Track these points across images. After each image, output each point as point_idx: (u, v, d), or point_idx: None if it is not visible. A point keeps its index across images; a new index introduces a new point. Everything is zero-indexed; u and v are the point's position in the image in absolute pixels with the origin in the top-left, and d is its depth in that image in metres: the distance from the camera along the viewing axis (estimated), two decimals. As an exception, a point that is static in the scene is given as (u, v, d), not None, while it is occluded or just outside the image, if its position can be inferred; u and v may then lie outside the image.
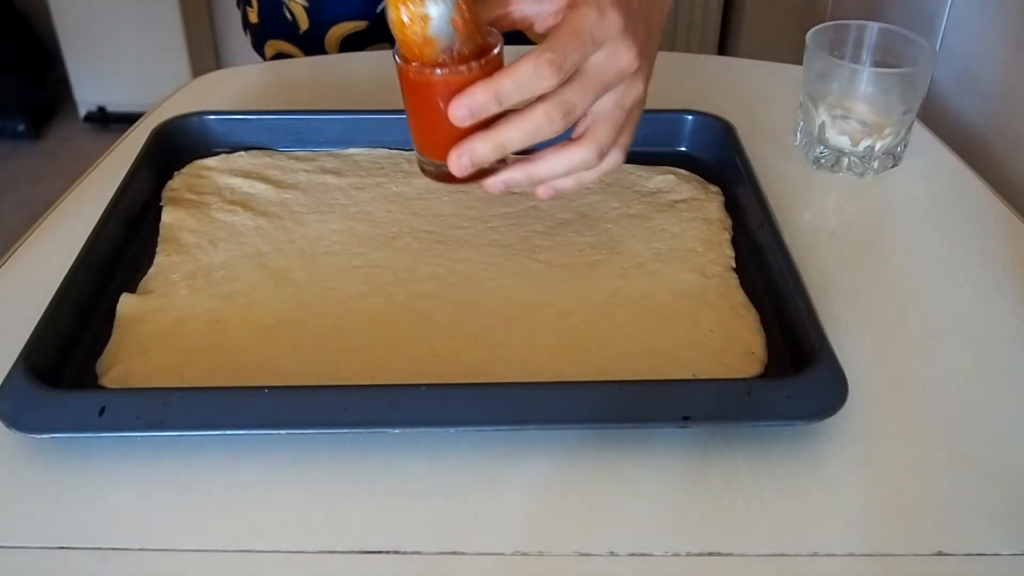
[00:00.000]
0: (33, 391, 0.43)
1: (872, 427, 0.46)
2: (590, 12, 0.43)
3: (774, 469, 0.43)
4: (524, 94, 0.44)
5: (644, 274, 0.54)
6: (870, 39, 0.68)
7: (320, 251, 0.56)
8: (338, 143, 0.67)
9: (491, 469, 0.43)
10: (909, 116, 0.66)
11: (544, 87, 0.43)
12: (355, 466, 0.43)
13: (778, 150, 0.70)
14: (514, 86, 0.43)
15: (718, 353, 0.49)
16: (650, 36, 0.47)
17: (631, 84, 0.46)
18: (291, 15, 0.89)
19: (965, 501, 0.42)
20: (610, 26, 0.43)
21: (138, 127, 0.73)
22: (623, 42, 0.44)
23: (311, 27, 0.89)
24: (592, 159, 0.47)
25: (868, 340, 0.51)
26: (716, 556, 0.39)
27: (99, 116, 2.32)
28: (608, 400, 0.43)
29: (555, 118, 0.44)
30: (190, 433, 0.43)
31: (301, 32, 0.89)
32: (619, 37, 0.44)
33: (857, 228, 0.62)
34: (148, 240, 0.58)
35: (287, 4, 0.88)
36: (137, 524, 0.41)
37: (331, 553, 0.40)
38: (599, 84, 0.44)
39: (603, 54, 0.44)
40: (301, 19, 0.89)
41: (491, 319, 0.51)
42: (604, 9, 0.43)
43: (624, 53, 0.44)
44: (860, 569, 0.39)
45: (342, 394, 0.44)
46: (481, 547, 0.40)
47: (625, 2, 0.44)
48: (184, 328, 0.50)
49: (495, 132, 0.45)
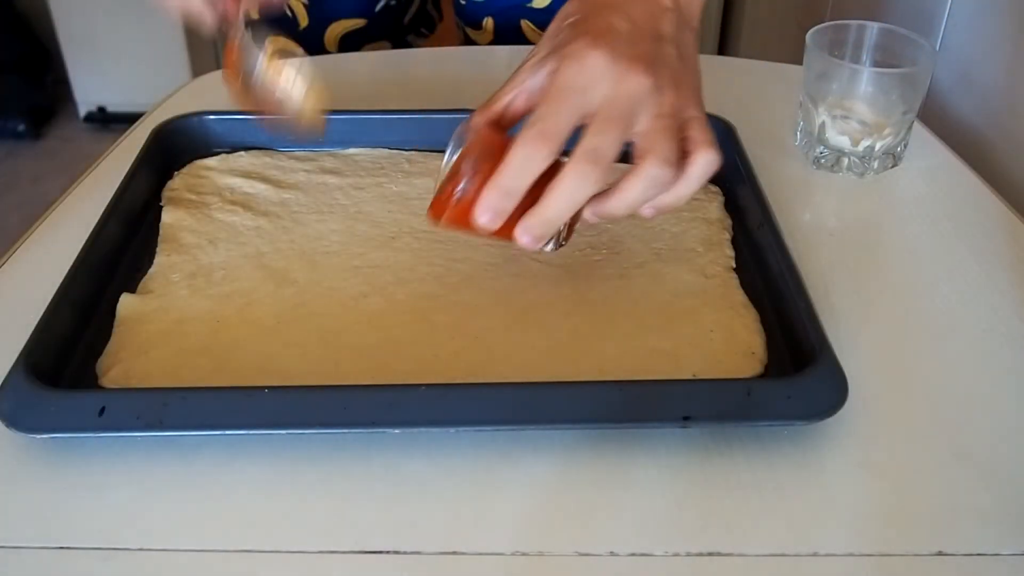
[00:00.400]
0: (33, 391, 0.43)
1: (872, 427, 0.46)
2: (570, 66, 0.43)
3: (774, 469, 0.43)
4: (531, 174, 0.43)
5: (644, 274, 0.54)
6: (870, 39, 0.68)
7: (320, 251, 0.56)
8: (338, 143, 0.67)
9: (491, 469, 0.43)
10: (909, 116, 0.66)
11: (544, 159, 0.43)
12: (355, 466, 0.43)
13: (778, 150, 0.70)
14: (516, 174, 0.43)
15: (718, 353, 0.49)
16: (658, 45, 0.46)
17: (655, 98, 0.44)
18: (291, 12, 0.89)
19: (965, 501, 0.42)
20: (594, 67, 0.43)
21: (138, 127, 0.73)
22: (618, 71, 0.43)
23: (310, 24, 0.89)
24: (661, 173, 0.44)
25: (868, 340, 0.51)
26: (716, 556, 0.39)
27: (99, 116, 2.32)
28: (608, 400, 0.43)
29: (588, 171, 0.42)
30: (190, 433, 0.43)
31: (301, 29, 0.90)
32: (610, 70, 0.43)
33: (857, 228, 0.62)
34: (148, 240, 0.58)
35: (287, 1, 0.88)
36: (137, 524, 0.41)
37: (331, 553, 0.40)
38: (617, 119, 0.43)
39: (604, 90, 0.43)
40: (301, 16, 0.89)
41: (491, 319, 0.51)
42: (582, 55, 0.43)
43: (626, 81, 0.43)
44: (860, 569, 0.39)
45: (342, 394, 0.44)
46: (481, 547, 0.40)
47: (605, 33, 0.44)
48: (184, 328, 0.50)
49: (542, 209, 0.44)
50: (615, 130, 0.43)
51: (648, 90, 0.43)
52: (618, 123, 0.43)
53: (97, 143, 2.23)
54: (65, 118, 2.39)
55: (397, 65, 0.86)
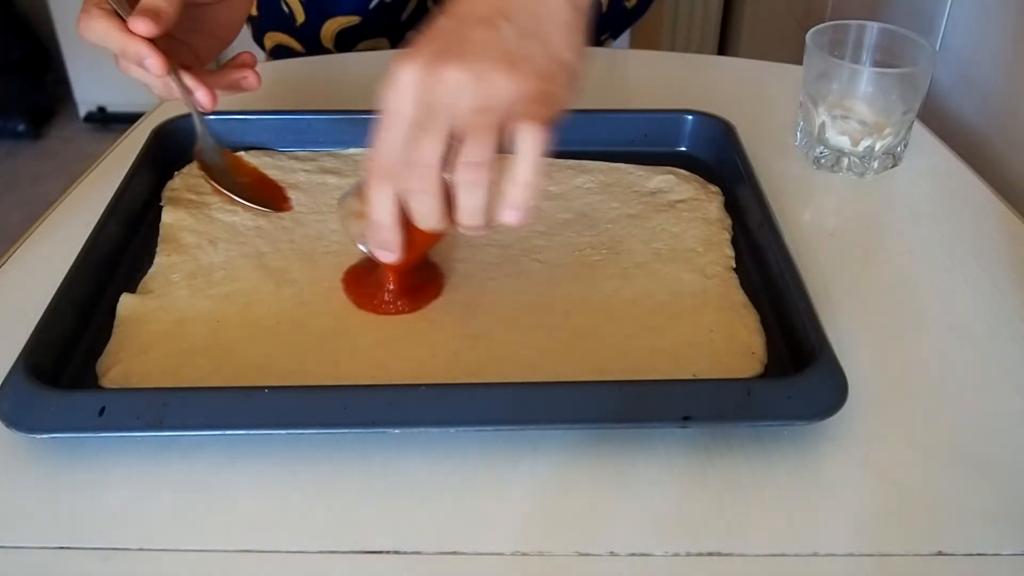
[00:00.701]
0: (33, 391, 0.43)
1: (872, 427, 0.46)
2: (385, 95, 0.42)
3: (774, 469, 0.43)
4: (387, 204, 0.44)
5: (644, 274, 0.54)
6: (870, 39, 0.68)
7: (320, 251, 0.56)
8: (338, 143, 0.67)
9: (491, 469, 0.43)
10: (909, 116, 0.66)
11: (391, 183, 0.43)
12: (355, 466, 0.43)
13: (778, 150, 0.70)
14: (376, 210, 0.45)
15: (718, 353, 0.49)
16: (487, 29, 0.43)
17: (477, 86, 0.41)
18: (288, 8, 0.89)
19: (965, 501, 0.42)
20: (403, 84, 0.42)
21: (138, 127, 0.73)
22: (426, 78, 0.41)
23: (307, 20, 0.90)
24: (471, 177, 0.42)
25: (868, 340, 0.51)
26: (716, 556, 0.39)
27: (99, 116, 2.32)
28: (608, 400, 0.43)
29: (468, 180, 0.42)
30: (190, 433, 0.43)
31: (298, 25, 0.90)
32: (418, 77, 0.41)
33: (857, 228, 0.62)
34: (148, 240, 0.58)
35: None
36: (137, 524, 0.41)
37: (331, 553, 0.40)
38: (431, 129, 0.42)
39: (412, 102, 0.42)
40: (297, 12, 0.89)
41: (491, 319, 0.51)
42: (393, 79, 0.42)
43: (435, 85, 0.41)
44: (860, 569, 0.39)
45: (342, 394, 0.44)
46: (481, 547, 0.40)
47: (422, 46, 0.42)
48: (184, 328, 0.50)
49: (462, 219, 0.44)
50: (429, 137, 0.42)
51: (468, 83, 0.41)
52: (433, 130, 0.42)
53: (97, 143, 2.23)
54: (65, 118, 2.39)
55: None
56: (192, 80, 0.54)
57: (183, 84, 0.53)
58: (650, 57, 0.89)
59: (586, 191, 0.62)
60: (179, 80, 0.53)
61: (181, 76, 0.53)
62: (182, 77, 0.53)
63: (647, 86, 0.82)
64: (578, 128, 0.67)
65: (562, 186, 0.63)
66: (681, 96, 0.73)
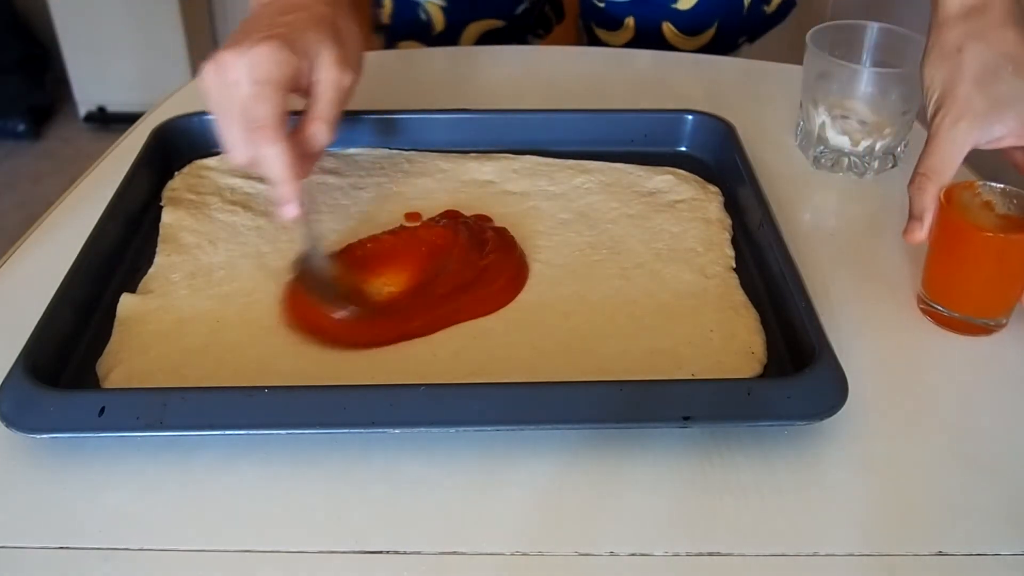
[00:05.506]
0: (33, 391, 0.43)
1: (872, 427, 0.46)
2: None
3: (774, 469, 0.43)
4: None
5: (644, 274, 0.54)
6: (870, 39, 0.68)
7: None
8: (338, 143, 0.67)
9: (491, 469, 0.43)
10: (909, 116, 0.66)
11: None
12: (355, 466, 0.43)
13: (778, 150, 0.70)
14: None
15: (718, 353, 0.49)
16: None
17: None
18: (426, 15, 0.89)
19: (965, 501, 0.42)
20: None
21: (138, 127, 0.73)
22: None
23: (447, 27, 0.90)
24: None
25: (868, 340, 0.51)
26: (716, 556, 0.39)
27: (99, 116, 2.32)
28: (608, 400, 0.43)
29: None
30: (189, 433, 0.43)
31: (435, 33, 0.90)
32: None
33: (857, 228, 0.62)
34: (148, 240, 0.58)
35: (423, 4, 0.88)
36: (137, 524, 0.41)
37: (331, 553, 0.40)
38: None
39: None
40: (437, 19, 0.89)
41: (491, 319, 0.51)
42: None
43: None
44: (860, 569, 0.39)
45: (342, 394, 0.44)
46: (481, 547, 0.40)
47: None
48: (184, 328, 0.50)
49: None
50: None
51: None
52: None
53: (97, 143, 2.23)
54: (65, 118, 2.39)
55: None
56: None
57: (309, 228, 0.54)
58: (650, 57, 0.89)
59: (586, 191, 0.62)
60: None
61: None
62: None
63: (647, 86, 0.82)
64: (578, 128, 0.67)
65: (562, 186, 0.63)
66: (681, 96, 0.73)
